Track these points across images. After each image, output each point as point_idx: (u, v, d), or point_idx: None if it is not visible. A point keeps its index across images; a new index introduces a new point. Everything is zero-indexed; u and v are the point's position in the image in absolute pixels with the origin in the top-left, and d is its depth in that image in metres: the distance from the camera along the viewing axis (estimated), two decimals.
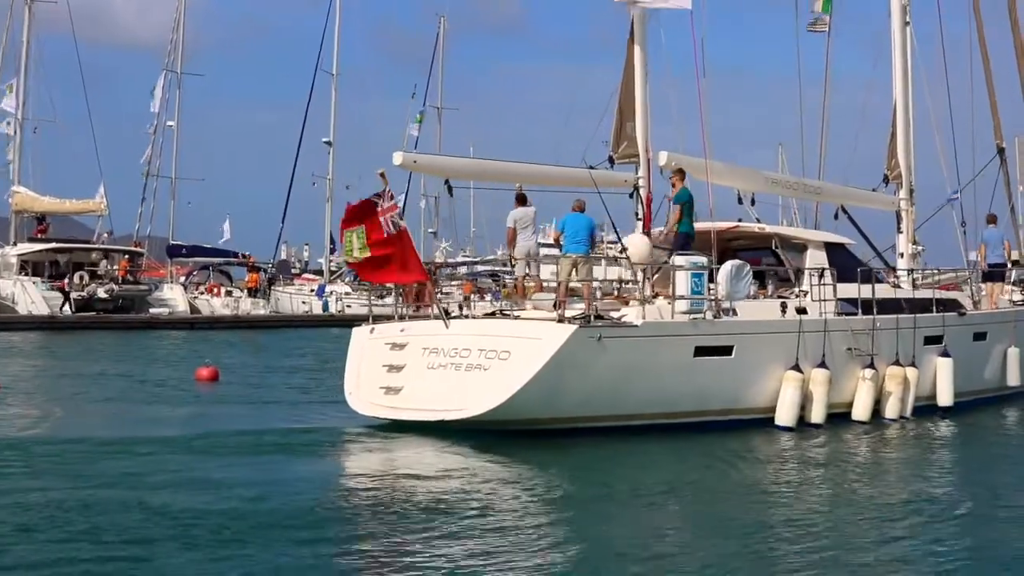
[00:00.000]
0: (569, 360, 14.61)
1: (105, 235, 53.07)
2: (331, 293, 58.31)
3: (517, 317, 16.19)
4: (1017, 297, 23.37)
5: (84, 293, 46.10)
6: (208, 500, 10.65)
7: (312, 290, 60.48)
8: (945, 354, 18.76)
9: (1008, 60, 25.11)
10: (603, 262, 16.81)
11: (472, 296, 68.36)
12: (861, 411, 17.24)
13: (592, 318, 15.03)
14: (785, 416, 16.29)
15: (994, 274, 21.88)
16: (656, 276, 16.71)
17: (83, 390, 21.29)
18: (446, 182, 16.55)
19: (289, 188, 64.56)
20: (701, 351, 15.67)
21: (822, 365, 16.58)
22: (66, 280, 46.32)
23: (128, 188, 70.16)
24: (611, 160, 18.20)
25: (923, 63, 22.82)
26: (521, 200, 17.25)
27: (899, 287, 19.74)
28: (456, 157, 17.24)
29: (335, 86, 65.00)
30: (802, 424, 16.42)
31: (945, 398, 18.70)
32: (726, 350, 15.92)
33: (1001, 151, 24.80)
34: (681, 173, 17.23)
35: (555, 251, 17.15)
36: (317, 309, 56.90)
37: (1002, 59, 25.29)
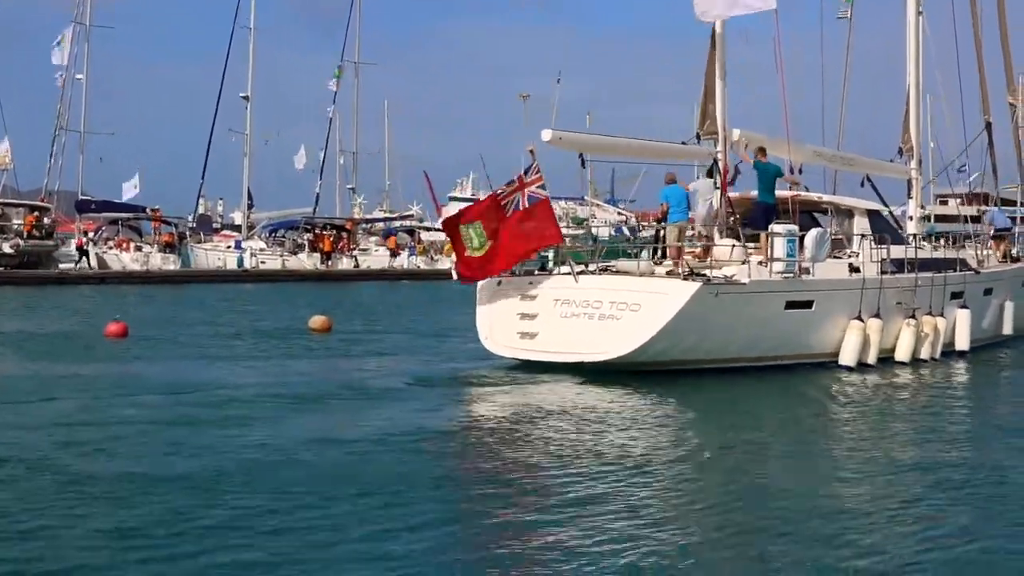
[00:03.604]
0: (692, 312, 17.43)
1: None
2: (246, 249, 59.11)
3: (626, 273, 19.02)
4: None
5: None
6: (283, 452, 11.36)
7: (229, 246, 61.00)
8: (964, 306, 22.13)
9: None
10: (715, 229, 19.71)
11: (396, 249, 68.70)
12: (903, 354, 20.48)
13: (708, 276, 17.89)
14: (848, 358, 19.35)
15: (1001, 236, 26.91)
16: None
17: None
18: (580, 155, 19.16)
19: (208, 144, 64.97)
20: (791, 304, 18.69)
21: (877, 316, 19.74)
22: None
23: (35, 141, 69.66)
24: (698, 136, 21.00)
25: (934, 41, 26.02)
26: (709, 173, 20.14)
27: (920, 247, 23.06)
28: (596, 135, 19.87)
29: (253, 41, 65.02)
30: (858, 364, 19.55)
31: (963, 343, 22.07)
32: (808, 304, 18.96)
33: (988, 125, 28.11)
34: (763, 150, 20.17)
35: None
36: (231, 265, 57.52)
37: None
